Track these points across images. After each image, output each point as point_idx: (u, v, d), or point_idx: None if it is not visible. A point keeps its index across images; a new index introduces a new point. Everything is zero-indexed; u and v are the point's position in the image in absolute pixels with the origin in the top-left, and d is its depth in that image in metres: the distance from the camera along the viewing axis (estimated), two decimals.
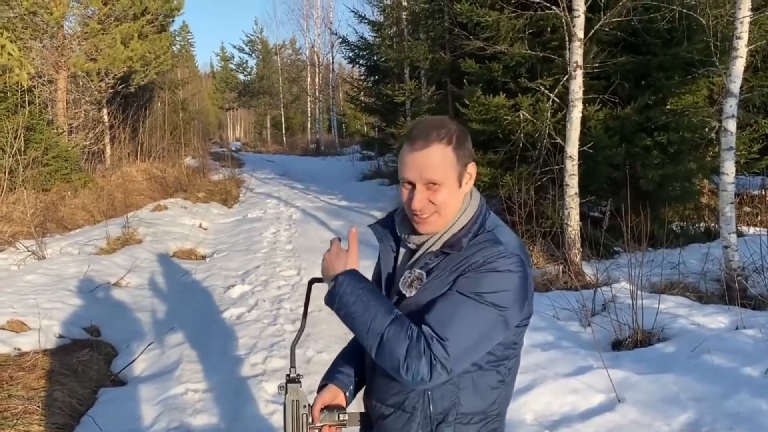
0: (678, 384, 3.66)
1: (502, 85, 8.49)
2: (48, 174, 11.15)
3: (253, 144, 44.19)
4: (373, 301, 1.51)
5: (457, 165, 1.53)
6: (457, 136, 1.54)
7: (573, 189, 6.78)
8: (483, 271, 1.47)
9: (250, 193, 15.39)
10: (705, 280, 6.03)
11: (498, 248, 1.50)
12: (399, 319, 1.48)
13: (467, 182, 1.58)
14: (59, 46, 13.85)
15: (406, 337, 1.44)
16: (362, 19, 17.16)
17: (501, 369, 1.59)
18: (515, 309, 1.50)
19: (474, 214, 1.59)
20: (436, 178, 1.51)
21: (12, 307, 5.23)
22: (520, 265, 1.50)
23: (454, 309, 1.45)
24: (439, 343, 1.41)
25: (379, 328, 1.46)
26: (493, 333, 1.49)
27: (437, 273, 1.53)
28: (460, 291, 1.47)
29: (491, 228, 1.57)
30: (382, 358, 1.47)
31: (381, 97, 16.71)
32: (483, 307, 1.45)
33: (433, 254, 1.56)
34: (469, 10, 8.17)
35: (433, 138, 1.51)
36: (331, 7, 34.18)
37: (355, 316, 1.51)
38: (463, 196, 1.59)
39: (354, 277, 1.56)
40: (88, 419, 3.87)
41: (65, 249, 7.85)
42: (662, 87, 8.19)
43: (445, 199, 1.53)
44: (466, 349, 1.45)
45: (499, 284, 1.47)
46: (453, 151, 1.52)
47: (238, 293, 6.49)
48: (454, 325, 1.44)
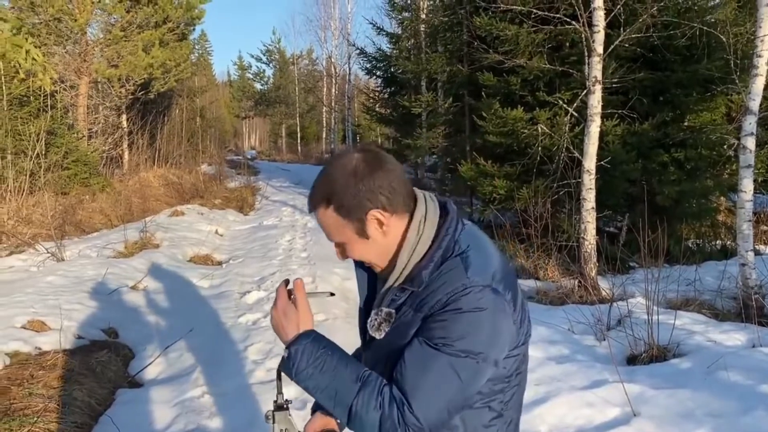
0: (694, 400, 3.64)
1: (520, 99, 8.53)
2: (67, 177, 11.31)
3: (268, 153, 44.53)
4: (336, 368, 1.34)
5: (348, 222, 1.36)
6: (339, 192, 1.35)
7: (590, 203, 6.78)
8: (448, 312, 1.28)
9: (265, 200, 15.50)
10: (721, 297, 6.01)
11: (463, 282, 1.29)
12: (366, 384, 1.32)
13: (378, 227, 1.37)
14: (82, 52, 14.08)
15: (377, 406, 1.29)
16: (380, 31, 17.26)
17: (494, 404, 1.42)
18: (495, 348, 1.31)
19: (434, 241, 1.38)
20: (334, 239, 1.41)
21: (33, 307, 5.31)
22: (491, 299, 1.29)
23: (423, 363, 1.29)
24: (410, 413, 1.27)
25: (347, 399, 1.31)
26: (472, 380, 1.31)
27: (404, 310, 1.37)
28: (428, 341, 1.29)
29: (462, 249, 1.36)
30: (356, 425, 1.33)
31: (397, 108, 16.79)
32: (456, 359, 1.27)
33: (398, 289, 1.39)
34: (488, 23, 8.23)
35: (314, 202, 1.40)
36: (350, 19, 34.29)
37: (319, 389, 1.35)
38: (385, 240, 1.39)
39: (309, 343, 1.37)
40: (106, 419, 3.91)
41: (83, 252, 7.95)
42: (680, 103, 8.20)
43: (360, 254, 1.42)
44: (444, 407, 1.30)
45: (467, 328, 1.27)
46: (335, 212, 1.36)
47: (254, 299, 6.54)
48: (425, 385, 1.28)
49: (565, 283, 6.78)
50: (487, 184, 8.66)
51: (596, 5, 6.57)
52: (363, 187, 1.34)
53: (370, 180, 1.34)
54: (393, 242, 1.39)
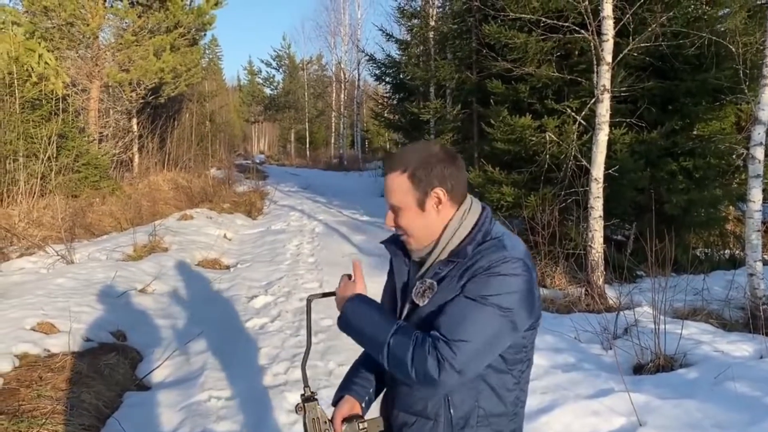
0: (701, 410, 3.64)
1: (528, 106, 8.54)
2: (78, 180, 11.39)
3: (277, 157, 44.63)
4: (377, 317, 1.62)
5: (415, 191, 1.63)
6: (415, 165, 1.63)
7: (597, 211, 6.77)
8: (488, 274, 1.53)
9: (273, 205, 15.54)
10: (729, 307, 5.99)
11: (503, 253, 1.56)
12: (402, 328, 1.57)
13: (434, 206, 1.65)
14: (94, 56, 14.20)
15: (410, 341, 1.51)
16: (390, 38, 17.31)
17: (515, 372, 1.66)
18: (522, 311, 1.55)
19: (476, 224, 1.66)
20: (393, 203, 1.67)
21: (42, 309, 5.35)
22: (524, 269, 1.56)
23: (461, 312, 1.52)
24: (446, 344, 1.47)
25: (383, 338, 1.56)
26: (500, 335, 1.54)
27: (447, 281, 1.60)
28: (467, 295, 1.53)
29: (497, 236, 1.64)
30: (393, 366, 1.55)
31: (406, 114, 16.80)
32: (488, 309, 1.50)
33: (441, 263, 1.63)
34: (497, 31, 8.25)
35: (390, 167, 1.67)
36: (359, 25, 34.42)
37: (364, 334, 1.63)
38: (435, 219, 1.66)
39: (359, 300, 1.68)
40: (114, 422, 3.94)
41: (93, 254, 8.00)
42: (689, 113, 8.18)
43: (406, 223, 1.66)
44: (474, 351, 1.49)
45: (503, 287, 1.52)
46: (408, 179, 1.63)
47: (261, 303, 6.57)
48: (461, 327, 1.49)
49: (572, 291, 6.77)
50: (494, 191, 8.66)
51: (605, 14, 6.58)
52: (437, 168, 1.63)
53: (444, 166, 1.64)
54: (440, 223, 1.66)
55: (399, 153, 1.70)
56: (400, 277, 1.76)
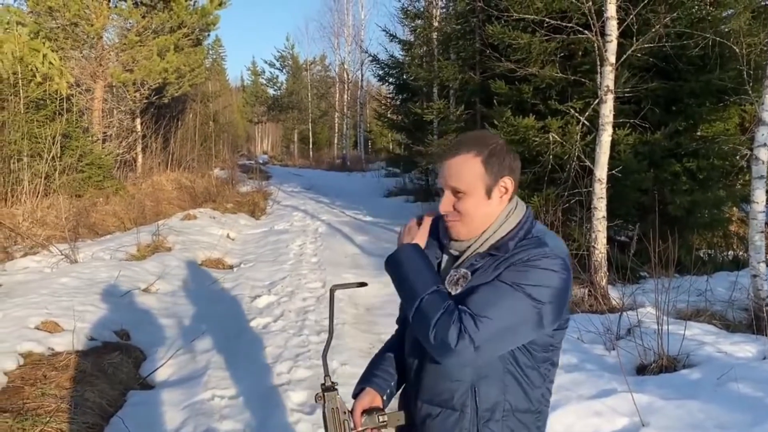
0: (703, 411, 3.63)
1: (531, 107, 8.53)
2: (82, 180, 11.41)
3: (280, 158, 44.64)
4: (425, 271, 1.62)
5: (486, 177, 1.62)
6: (491, 150, 1.62)
7: (601, 212, 6.77)
8: (527, 265, 1.54)
9: (277, 205, 15.56)
10: (732, 308, 5.97)
11: (544, 249, 1.57)
12: (441, 292, 1.57)
13: (501, 196, 1.65)
14: (98, 56, 14.23)
15: (441, 306, 1.52)
16: (393, 38, 17.32)
17: (542, 369, 1.66)
18: (551, 307, 1.54)
19: (520, 221, 1.66)
20: (459, 186, 1.62)
21: (46, 308, 5.37)
22: (563, 268, 1.56)
23: (492, 293, 1.53)
24: (471, 318, 1.48)
25: (420, 292, 1.56)
26: (525, 323, 1.53)
27: (481, 271, 1.61)
28: (501, 280, 1.54)
29: (539, 235, 1.64)
30: (416, 321, 1.57)
31: (409, 115, 16.82)
32: (519, 296, 1.51)
33: (479, 255, 1.64)
34: (501, 32, 8.25)
35: (463, 149, 1.63)
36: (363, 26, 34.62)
37: (405, 278, 1.63)
38: (496, 208, 1.65)
39: (415, 249, 1.67)
40: (117, 420, 3.96)
41: (97, 254, 8.03)
42: (693, 113, 8.17)
43: (468, 209, 1.63)
44: (496, 331, 1.49)
45: (539, 279, 1.52)
46: (481, 163, 1.61)
47: (265, 303, 6.58)
48: (489, 305, 1.50)
49: (575, 292, 6.76)
50: None
51: (609, 15, 6.57)
52: (507, 158, 1.65)
53: (512, 157, 1.66)
54: (494, 214, 1.66)
55: (466, 137, 1.67)
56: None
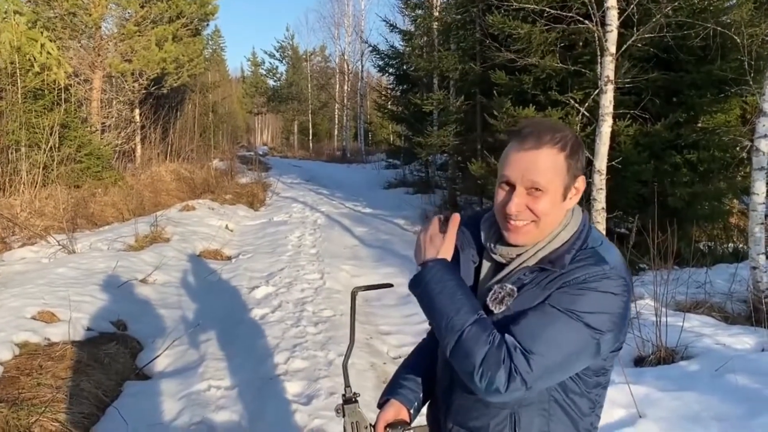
0: (701, 402, 3.63)
1: (531, 98, 8.49)
2: (80, 171, 11.38)
3: (280, 149, 44.59)
4: (460, 295, 1.40)
5: (566, 175, 1.41)
6: (573, 145, 1.42)
7: (600, 203, 6.74)
8: (583, 288, 1.34)
9: (276, 196, 15.54)
10: (731, 300, 5.95)
11: (603, 267, 1.36)
12: (483, 321, 1.37)
13: (573, 197, 1.45)
14: (96, 46, 14.17)
15: (487, 341, 1.33)
16: (393, 29, 17.25)
17: (592, 395, 1.47)
18: (611, 335, 1.36)
19: (577, 230, 1.46)
20: (540, 183, 1.38)
21: (43, 298, 5.36)
22: (624, 289, 1.37)
23: (544, 323, 1.33)
24: (523, 355, 1.31)
25: (459, 324, 1.35)
26: (582, 355, 1.36)
27: (529, 289, 1.40)
28: (554, 305, 1.34)
29: (595, 245, 1.43)
30: (457, 358, 1.36)
31: (409, 106, 16.78)
32: (576, 326, 1.32)
33: (528, 269, 1.42)
34: (501, 22, 8.20)
35: (547, 140, 1.39)
36: (363, 16, 34.49)
37: (438, 307, 1.40)
38: (565, 211, 1.45)
39: (444, 266, 1.45)
40: (113, 411, 3.95)
41: (95, 244, 8.01)
42: (694, 104, 8.12)
43: (546, 210, 1.40)
44: (550, 367, 1.33)
45: (598, 305, 1.34)
46: (565, 159, 1.40)
47: (263, 294, 6.57)
48: (542, 339, 1.32)
49: None
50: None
51: (609, 4, 6.52)
52: (584, 157, 1.46)
53: (584, 154, 1.47)
54: (560, 217, 1.45)
55: (542, 126, 1.43)
56: (466, 277, 1.52)
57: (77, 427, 3.65)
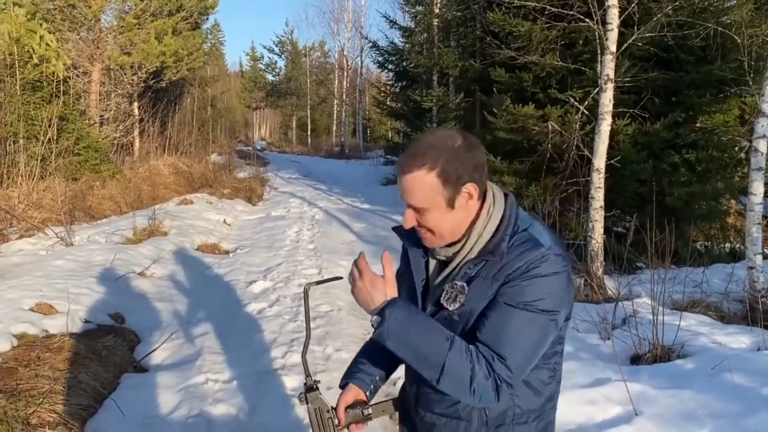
0: (696, 400, 3.64)
1: (531, 95, 8.50)
2: (78, 163, 11.37)
3: (278, 144, 44.57)
4: (428, 330, 1.46)
5: (444, 189, 1.46)
6: (448, 159, 1.45)
7: (598, 202, 6.76)
8: (528, 277, 1.43)
9: (274, 191, 15.53)
10: (728, 300, 5.98)
11: (540, 250, 1.45)
12: (455, 343, 1.43)
13: (467, 202, 1.49)
14: (95, 39, 14.15)
15: (469, 361, 1.41)
16: (393, 25, 17.23)
17: (550, 365, 1.58)
18: (563, 308, 1.48)
19: (504, 217, 1.52)
20: (416, 204, 1.48)
21: (41, 290, 5.35)
22: (563, 265, 1.47)
23: (506, 322, 1.42)
24: (501, 363, 1.40)
25: (439, 358, 1.42)
26: (547, 337, 1.47)
27: (478, 282, 1.48)
28: (508, 302, 1.43)
29: (525, 227, 1.51)
30: (448, 387, 1.45)
31: (408, 102, 16.79)
32: (534, 316, 1.42)
33: (472, 262, 1.50)
34: (501, 19, 8.20)
35: (415, 164, 1.45)
36: (363, 12, 34.38)
37: (412, 349, 1.46)
38: (465, 214, 1.51)
39: (400, 307, 1.49)
40: (111, 403, 3.95)
41: (92, 237, 8.00)
42: (693, 104, 8.14)
43: (433, 223, 1.49)
44: (525, 361, 1.45)
45: (546, 288, 1.43)
46: (437, 177, 1.44)
47: (260, 289, 6.57)
48: (509, 340, 1.41)
49: None
50: (496, 181, 8.59)
51: (611, 3, 6.53)
52: (466, 160, 1.47)
53: (473, 155, 1.49)
54: (467, 218, 1.52)
55: (418, 148, 1.48)
56: (417, 273, 1.63)
57: (75, 418, 3.65)
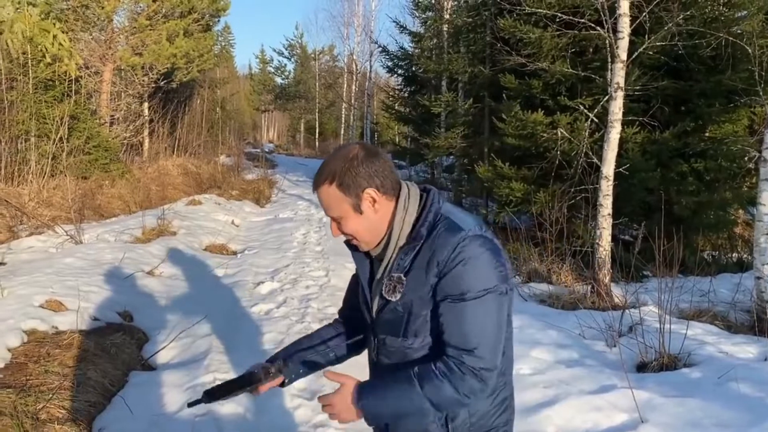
0: (702, 409, 3.64)
1: (540, 102, 8.52)
2: (88, 162, 11.43)
3: (286, 147, 44.65)
4: (393, 390, 1.57)
5: (347, 197, 1.59)
6: (342, 171, 1.58)
7: (606, 209, 6.76)
8: (457, 266, 1.51)
9: (281, 193, 15.59)
10: (735, 310, 5.97)
11: (460, 234, 1.54)
12: (422, 376, 1.53)
13: (370, 206, 1.61)
14: (107, 39, 14.23)
15: (439, 378, 1.51)
16: (403, 30, 17.29)
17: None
18: (502, 279, 1.56)
19: (422, 207, 1.64)
20: (333, 215, 1.63)
21: (51, 287, 5.39)
22: (484, 243, 1.55)
23: (459, 318, 1.51)
24: (469, 356, 1.49)
25: (421, 401, 1.52)
26: (502, 310, 1.56)
27: (413, 273, 1.59)
28: (453, 299, 1.52)
29: (447, 215, 1.62)
30: (446, 407, 1.56)
31: (417, 107, 16.81)
32: (479, 300, 1.51)
33: (402, 252, 1.62)
34: (512, 26, 8.23)
35: (321, 180, 1.62)
36: (373, 16, 34.53)
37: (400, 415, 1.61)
38: (379, 215, 1.63)
39: (365, 391, 1.60)
40: (119, 400, 3.97)
41: (102, 236, 8.05)
42: (702, 114, 8.14)
43: (352, 228, 1.63)
44: (494, 343, 1.53)
45: (477, 270, 1.52)
46: (338, 188, 1.59)
47: (268, 290, 6.60)
48: (471, 330, 1.50)
49: (577, 289, 6.77)
50: (503, 187, 8.66)
51: (622, 12, 6.54)
52: (362, 169, 1.59)
53: (368, 165, 1.60)
54: (383, 220, 1.63)
55: (324, 165, 1.64)
56: (363, 273, 1.75)
57: (83, 415, 3.68)
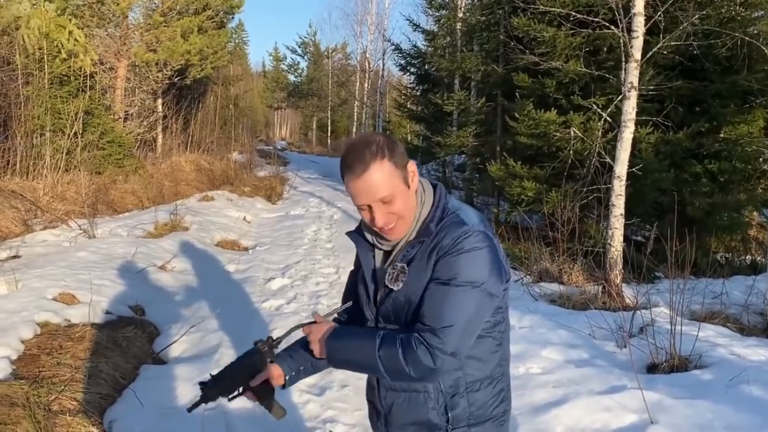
0: (713, 411, 3.62)
1: (553, 101, 8.49)
2: (102, 158, 11.52)
3: (298, 144, 44.77)
4: (357, 340, 1.67)
5: (398, 171, 1.63)
6: (387, 146, 1.63)
7: (619, 210, 6.72)
8: (453, 254, 1.57)
9: (293, 191, 15.63)
10: (747, 312, 5.92)
11: (464, 228, 1.60)
12: (384, 337, 1.61)
13: (413, 179, 1.68)
14: (122, 35, 14.32)
15: (397, 345, 1.57)
16: (416, 28, 17.23)
17: (495, 334, 1.72)
18: (493, 279, 1.60)
19: (433, 201, 1.71)
20: (386, 194, 1.61)
21: (64, 280, 5.45)
22: (485, 239, 1.61)
23: (438, 299, 1.57)
24: (431, 332, 1.54)
25: (372, 357, 1.60)
26: (480, 307, 1.60)
27: (416, 262, 1.64)
28: (440, 281, 1.58)
29: (454, 210, 1.68)
30: (393, 374, 1.61)
31: (429, 105, 16.75)
32: (462, 288, 1.56)
33: (409, 244, 1.67)
34: (526, 24, 8.20)
35: (368, 158, 1.60)
36: (386, 14, 34.42)
37: (352, 362, 1.70)
38: (414, 194, 1.69)
39: (335, 334, 1.70)
40: (130, 393, 4.01)
41: (114, 230, 8.12)
42: (717, 114, 8.08)
43: (402, 206, 1.65)
44: (461, 331, 1.56)
45: (469, 261, 1.57)
46: (389, 161, 1.61)
47: (278, 286, 6.62)
48: (444, 312, 1.55)
49: (588, 289, 6.73)
50: (515, 186, 8.63)
51: (636, 11, 6.50)
52: (398, 146, 1.66)
53: (397, 143, 1.68)
54: (413, 200, 1.69)
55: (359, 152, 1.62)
56: (367, 265, 1.78)
57: (94, 407, 3.72)
